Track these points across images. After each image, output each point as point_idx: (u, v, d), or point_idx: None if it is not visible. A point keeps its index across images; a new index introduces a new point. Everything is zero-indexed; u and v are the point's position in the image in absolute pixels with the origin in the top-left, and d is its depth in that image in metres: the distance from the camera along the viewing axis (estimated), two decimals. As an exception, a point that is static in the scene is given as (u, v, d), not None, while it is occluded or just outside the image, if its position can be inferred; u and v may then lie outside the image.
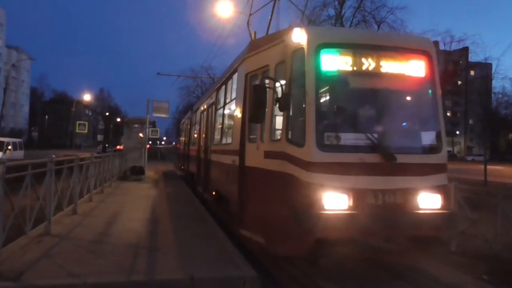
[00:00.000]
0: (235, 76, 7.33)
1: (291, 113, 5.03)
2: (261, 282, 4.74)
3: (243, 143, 6.24)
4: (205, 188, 10.39)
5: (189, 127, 17.15)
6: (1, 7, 70.55)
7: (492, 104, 27.23)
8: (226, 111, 8.29)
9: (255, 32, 11.66)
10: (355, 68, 4.95)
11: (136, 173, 16.84)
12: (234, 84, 7.35)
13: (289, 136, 4.95)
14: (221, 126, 8.73)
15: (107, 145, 56.34)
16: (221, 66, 39.25)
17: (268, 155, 5.33)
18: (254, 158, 5.78)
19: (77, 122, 30.28)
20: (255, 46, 6.42)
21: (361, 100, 5.25)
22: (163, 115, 18.70)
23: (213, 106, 9.74)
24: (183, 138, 20.78)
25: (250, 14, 11.13)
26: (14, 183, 5.22)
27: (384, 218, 4.57)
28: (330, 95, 5.18)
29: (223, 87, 8.60)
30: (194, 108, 16.45)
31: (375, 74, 5.01)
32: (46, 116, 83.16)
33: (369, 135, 4.76)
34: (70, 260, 4.99)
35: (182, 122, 24.74)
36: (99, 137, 58.01)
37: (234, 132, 6.89)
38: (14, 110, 77.66)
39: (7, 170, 4.76)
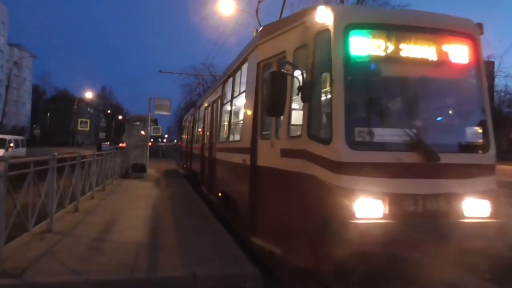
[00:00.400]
0: (244, 67, 6.71)
1: (314, 105, 4.41)
2: (263, 280, 4.75)
3: (254, 140, 5.70)
4: (210, 189, 9.91)
5: (192, 124, 16.76)
6: (3, 4, 70.62)
7: (495, 102, 27.17)
8: (234, 106, 7.69)
9: (256, 30, 11.46)
10: (389, 53, 4.29)
11: (138, 170, 16.88)
12: (244, 75, 6.76)
13: (312, 132, 4.35)
14: (228, 122, 8.06)
15: (107, 142, 56.39)
16: (223, 64, 39.19)
17: (285, 153, 4.79)
18: (268, 156, 5.25)
19: (79, 120, 30.37)
20: (268, 31, 5.72)
21: (397, 90, 4.60)
22: (165, 113, 18.76)
23: (219, 101, 9.19)
24: (186, 136, 20.42)
25: (259, 2, 10.49)
26: (16, 181, 5.23)
27: (426, 229, 3.96)
28: (360, 84, 4.43)
29: (231, 79, 7.97)
30: (197, 104, 15.98)
31: (413, 60, 4.36)
32: (48, 114, 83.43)
33: (407, 130, 4.13)
34: (72, 257, 5.01)
35: (184, 119, 24.36)
36: (101, 135, 58.00)
37: (244, 128, 6.38)
38: (16, 107, 77.82)
39: (9, 167, 4.76)
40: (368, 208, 3.89)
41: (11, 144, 23.01)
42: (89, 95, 65.74)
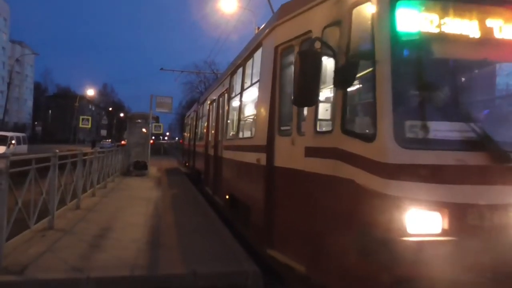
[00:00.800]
0: (257, 54, 5.95)
1: (351, 93, 3.71)
2: (263, 278, 4.74)
3: (271, 137, 5.04)
4: (215, 190, 9.30)
5: (195, 121, 16.34)
6: (5, 1, 70.65)
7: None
8: (245, 99, 6.88)
9: (258, 27, 11.32)
10: (445, 30, 3.44)
11: (140, 168, 16.90)
12: (257, 64, 5.99)
13: (348, 126, 3.63)
14: (237, 117, 7.23)
15: (108, 140, 56.55)
16: (224, 62, 39.29)
17: (311, 152, 4.10)
18: (288, 156, 4.60)
19: (81, 117, 30.50)
20: (288, 9, 4.95)
21: (455, 75, 3.80)
22: (166, 110, 18.80)
23: (226, 95, 8.48)
24: (188, 133, 20.13)
25: None
26: (18, 178, 5.23)
27: (496, 247, 3.20)
28: (411, 67, 3.57)
29: (240, 70, 7.20)
30: (200, 100, 15.44)
31: (474, 38, 3.51)
32: (50, 111, 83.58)
33: (470, 125, 3.31)
34: (73, 254, 5.01)
35: (187, 116, 23.92)
36: (102, 132, 58.24)
37: (257, 123, 5.71)
38: (18, 104, 77.96)
39: (11, 164, 4.77)
40: (422, 221, 3.15)
41: (13, 141, 23.10)
42: (90, 92, 66.08)
